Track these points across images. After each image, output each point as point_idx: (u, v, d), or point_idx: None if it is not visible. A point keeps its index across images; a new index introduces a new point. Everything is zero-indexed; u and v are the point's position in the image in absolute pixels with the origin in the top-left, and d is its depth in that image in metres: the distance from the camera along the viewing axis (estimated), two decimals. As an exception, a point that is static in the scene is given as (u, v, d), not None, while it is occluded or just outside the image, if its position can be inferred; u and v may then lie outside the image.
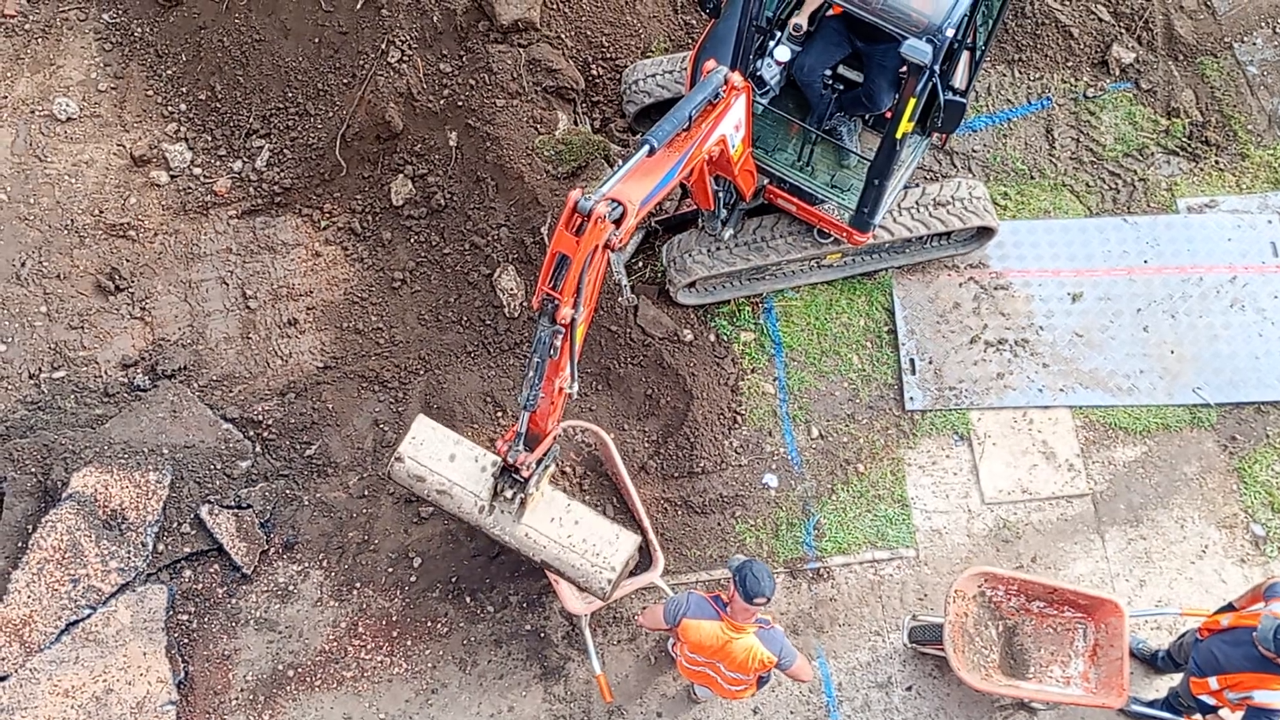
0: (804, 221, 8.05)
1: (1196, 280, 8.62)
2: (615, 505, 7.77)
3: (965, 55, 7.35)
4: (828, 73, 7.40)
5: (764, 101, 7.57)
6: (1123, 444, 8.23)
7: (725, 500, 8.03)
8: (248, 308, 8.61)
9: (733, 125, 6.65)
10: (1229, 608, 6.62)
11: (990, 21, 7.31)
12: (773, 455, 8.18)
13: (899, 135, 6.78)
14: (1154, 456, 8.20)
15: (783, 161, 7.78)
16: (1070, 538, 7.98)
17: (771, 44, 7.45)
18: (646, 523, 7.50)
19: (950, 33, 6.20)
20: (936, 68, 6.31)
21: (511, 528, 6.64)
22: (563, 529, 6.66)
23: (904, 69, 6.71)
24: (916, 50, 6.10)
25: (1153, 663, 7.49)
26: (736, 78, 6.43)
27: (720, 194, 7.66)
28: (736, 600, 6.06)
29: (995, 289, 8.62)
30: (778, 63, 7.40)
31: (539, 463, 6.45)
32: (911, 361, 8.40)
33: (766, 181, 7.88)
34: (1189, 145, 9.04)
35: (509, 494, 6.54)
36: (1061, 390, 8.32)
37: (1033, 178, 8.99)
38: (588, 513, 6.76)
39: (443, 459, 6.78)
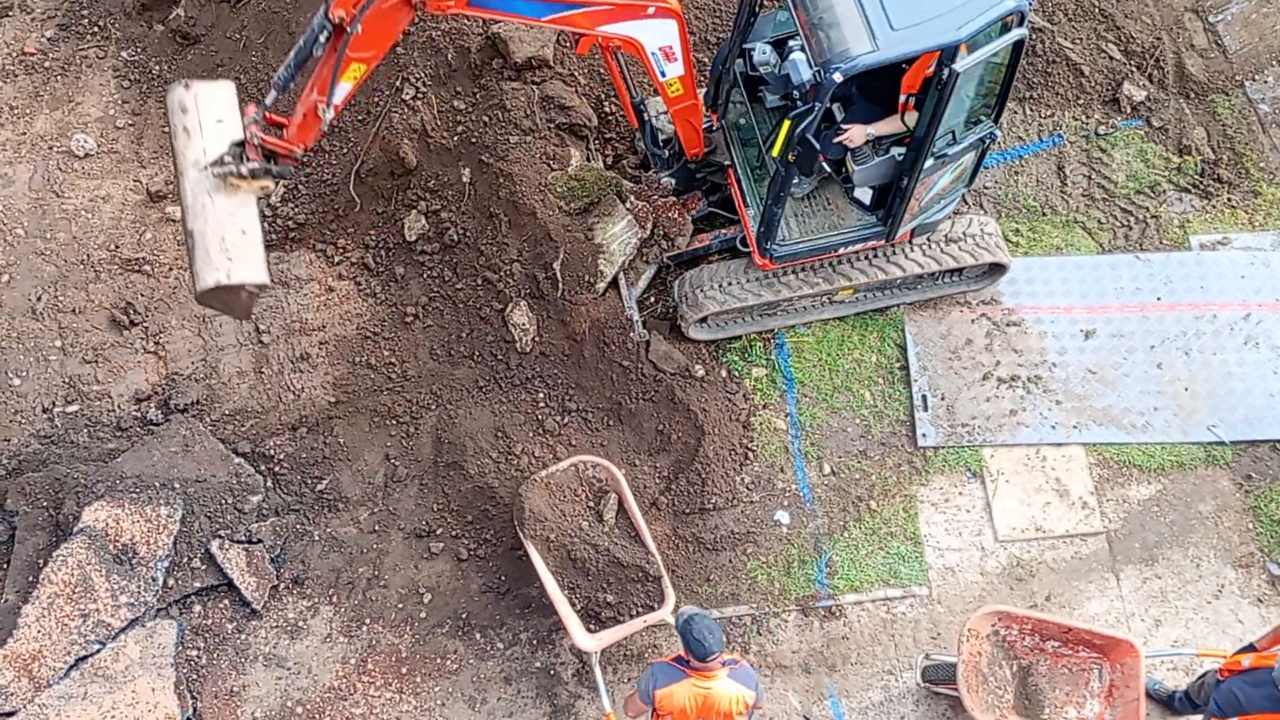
0: (816, 258, 8.06)
1: (1210, 317, 8.59)
2: (630, 537, 7.74)
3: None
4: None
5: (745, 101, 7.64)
6: (1137, 482, 8.17)
7: (737, 537, 7.99)
8: (260, 342, 8.63)
9: (657, 45, 6.55)
10: (1250, 648, 6.55)
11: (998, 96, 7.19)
12: (784, 492, 8.15)
13: (774, 154, 6.79)
14: (1169, 495, 8.14)
15: (747, 158, 7.89)
16: (1085, 576, 7.91)
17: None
18: (658, 559, 7.46)
19: (837, 77, 6.06)
20: (820, 103, 6.20)
21: (201, 199, 6.11)
22: (233, 223, 6.17)
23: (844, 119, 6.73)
24: (796, 66, 5.99)
25: (1169, 704, 7.41)
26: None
27: (651, 129, 7.92)
28: (693, 661, 6.01)
29: (1008, 325, 8.60)
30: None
31: (264, 164, 6.09)
32: (924, 398, 8.37)
33: (728, 164, 8.05)
34: (1201, 183, 9.04)
35: (226, 159, 6.10)
36: (1075, 427, 8.28)
37: (1045, 214, 8.99)
38: (258, 232, 6.28)
39: (213, 111, 6.30)
